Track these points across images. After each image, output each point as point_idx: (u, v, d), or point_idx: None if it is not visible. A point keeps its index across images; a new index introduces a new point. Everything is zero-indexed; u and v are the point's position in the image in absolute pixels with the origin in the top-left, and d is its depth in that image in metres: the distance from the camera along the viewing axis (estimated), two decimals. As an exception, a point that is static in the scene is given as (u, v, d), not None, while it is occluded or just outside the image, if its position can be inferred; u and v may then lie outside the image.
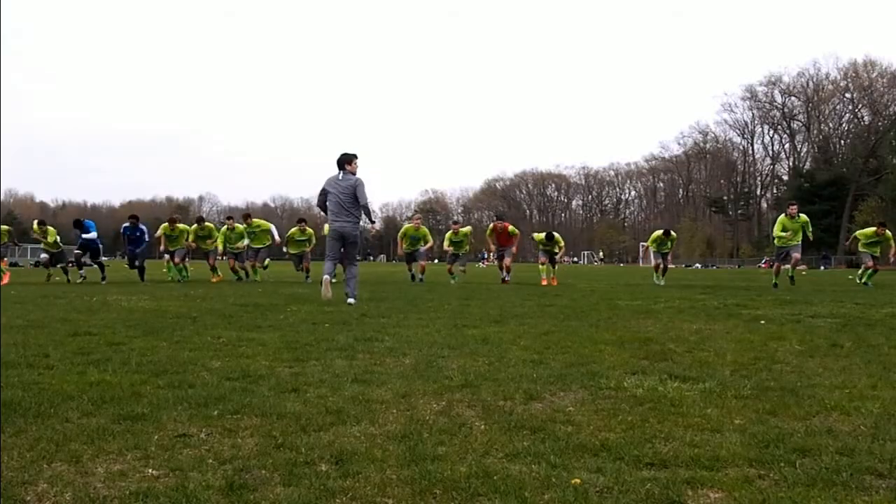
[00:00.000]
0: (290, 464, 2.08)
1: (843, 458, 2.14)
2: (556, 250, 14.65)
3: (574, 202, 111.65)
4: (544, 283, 13.99)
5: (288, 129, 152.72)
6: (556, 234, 14.96)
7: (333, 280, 8.26)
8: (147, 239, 14.87)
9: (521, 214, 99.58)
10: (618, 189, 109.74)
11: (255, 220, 15.14)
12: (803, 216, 13.47)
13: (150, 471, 2.03)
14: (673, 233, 15.51)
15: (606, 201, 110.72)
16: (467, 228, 15.87)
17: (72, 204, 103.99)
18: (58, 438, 2.30)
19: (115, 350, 4.25)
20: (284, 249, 15.49)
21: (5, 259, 15.83)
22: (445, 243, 15.25)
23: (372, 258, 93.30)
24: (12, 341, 4.56)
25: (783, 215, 13.70)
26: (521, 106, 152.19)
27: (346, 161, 8.10)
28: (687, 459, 2.13)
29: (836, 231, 58.93)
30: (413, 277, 14.90)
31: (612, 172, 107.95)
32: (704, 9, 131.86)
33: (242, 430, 2.46)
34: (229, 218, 15.68)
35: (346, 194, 8.01)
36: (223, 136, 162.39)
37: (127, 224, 14.85)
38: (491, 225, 14.95)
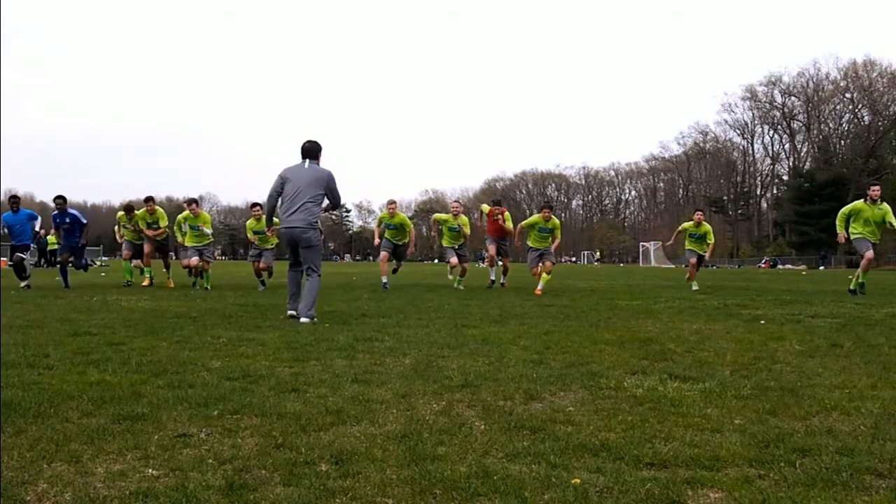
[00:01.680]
0: (290, 464, 2.08)
1: (843, 458, 2.14)
2: (553, 238, 11.14)
3: (574, 202, 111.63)
4: (539, 292, 10.46)
5: (288, 128, 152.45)
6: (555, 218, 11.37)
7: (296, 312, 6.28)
8: (84, 221, 11.91)
9: (521, 214, 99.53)
10: (618, 189, 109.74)
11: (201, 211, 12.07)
12: (885, 204, 10.22)
13: (150, 471, 2.03)
14: (705, 224, 12.34)
15: (606, 201, 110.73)
16: (464, 218, 12.58)
17: (72, 204, 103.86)
18: (58, 438, 2.31)
19: (115, 350, 4.25)
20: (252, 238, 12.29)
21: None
22: (445, 241, 12.37)
23: (372, 258, 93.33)
24: (12, 341, 4.56)
25: (860, 201, 10.39)
26: (521, 106, 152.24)
27: (318, 150, 6.58)
28: (687, 459, 2.13)
29: (836, 231, 58.90)
30: (385, 284, 11.67)
31: (612, 172, 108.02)
32: (704, 9, 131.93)
33: (242, 430, 2.46)
34: (189, 202, 12.20)
35: (307, 184, 6.34)
36: (223, 136, 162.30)
37: (55, 212, 11.80)
38: (487, 208, 12.32)
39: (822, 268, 46.32)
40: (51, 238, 28.37)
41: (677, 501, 1.83)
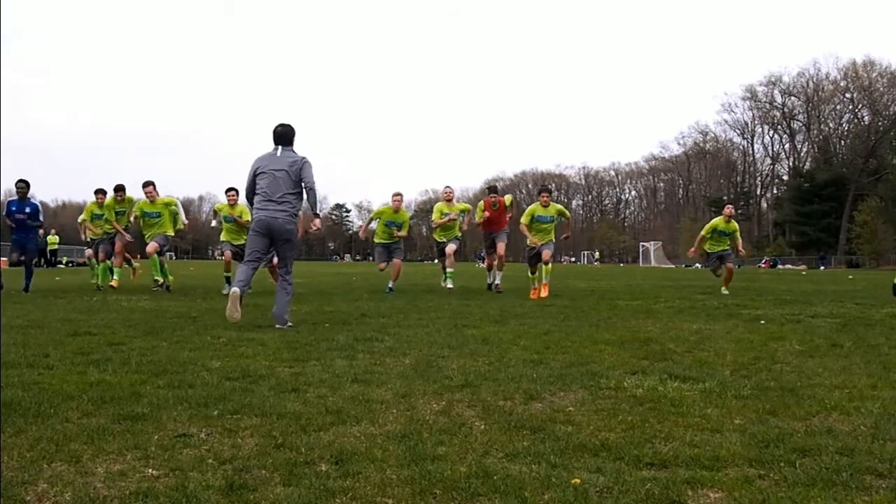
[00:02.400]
0: (290, 464, 2.08)
1: (843, 458, 2.14)
2: (550, 237, 9.76)
3: (574, 202, 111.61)
4: (534, 295, 9.48)
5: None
6: (558, 206, 10.09)
7: (248, 291, 5.73)
8: (41, 219, 10.24)
9: (522, 214, 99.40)
10: (618, 189, 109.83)
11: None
12: None
13: (150, 471, 2.03)
14: (733, 222, 11.35)
15: (606, 201, 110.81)
16: (465, 205, 11.17)
17: (72, 204, 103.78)
18: (58, 438, 2.30)
19: (115, 350, 4.25)
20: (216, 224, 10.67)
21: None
22: (435, 215, 10.75)
23: (371, 258, 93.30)
24: (12, 341, 4.56)
25: None
26: (521, 106, 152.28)
27: (292, 135, 5.92)
28: (687, 459, 2.13)
29: (836, 231, 59.00)
30: (391, 287, 10.44)
31: (612, 172, 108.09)
32: (704, 9, 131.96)
33: (242, 430, 2.46)
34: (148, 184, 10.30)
35: (284, 174, 5.71)
36: (223, 136, 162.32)
37: (14, 198, 10.02)
38: (481, 202, 10.76)
39: (822, 268, 46.32)
40: (51, 238, 28.46)
41: (677, 501, 1.83)
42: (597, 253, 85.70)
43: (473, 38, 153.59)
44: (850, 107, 66.44)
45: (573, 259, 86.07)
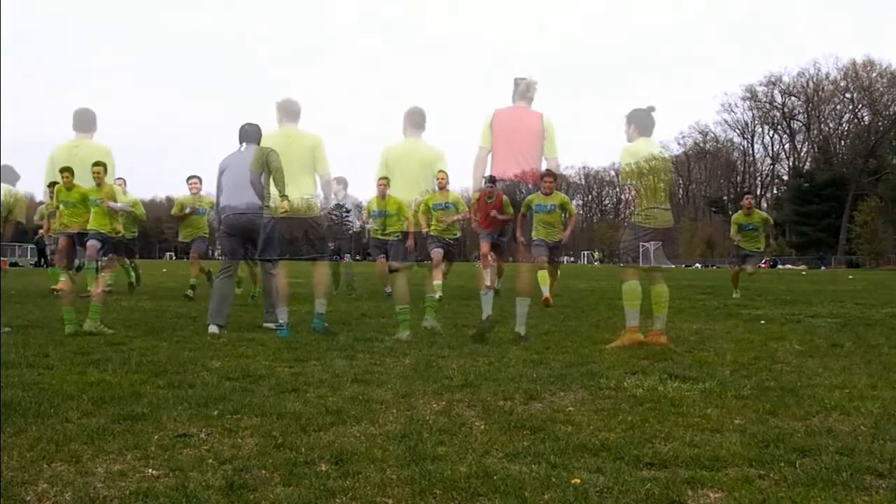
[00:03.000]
0: (290, 464, 2.08)
1: (843, 458, 2.14)
2: (559, 236, 8.79)
3: (574, 202, 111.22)
4: (546, 298, 8.40)
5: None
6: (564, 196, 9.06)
7: (223, 328, 5.19)
8: None
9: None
10: (618, 189, 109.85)
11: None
12: None
13: (150, 471, 2.03)
14: (758, 211, 10.67)
15: (606, 201, 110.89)
16: (457, 196, 9.34)
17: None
18: (58, 438, 2.31)
19: (115, 350, 4.25)
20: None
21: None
22: (422, 207, 8.21)
23: (371, 258, 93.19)
24: (12, 341, 4.56)
25: None
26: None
27: (259, 134, 5.60)
28: (687, 459, 2.13)
29: (836, 231, 59.02)
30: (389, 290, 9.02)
31: (612, 172, 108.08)
32: (705, 8, 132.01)
33: (242, 430, 2.46)
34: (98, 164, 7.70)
35: (250, 165, 5.25)
36: (223, 136, 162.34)
37: None
38: (476, 194, 8.38)
39: (822, 268, 46.32)
40: (51, 238, 28.41)
41: (677, 501, 1.83)
42: (597, 253, 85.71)
43: (473, 37, 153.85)
44: (850, 107, 66.42)
45: (573, 259, 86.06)
